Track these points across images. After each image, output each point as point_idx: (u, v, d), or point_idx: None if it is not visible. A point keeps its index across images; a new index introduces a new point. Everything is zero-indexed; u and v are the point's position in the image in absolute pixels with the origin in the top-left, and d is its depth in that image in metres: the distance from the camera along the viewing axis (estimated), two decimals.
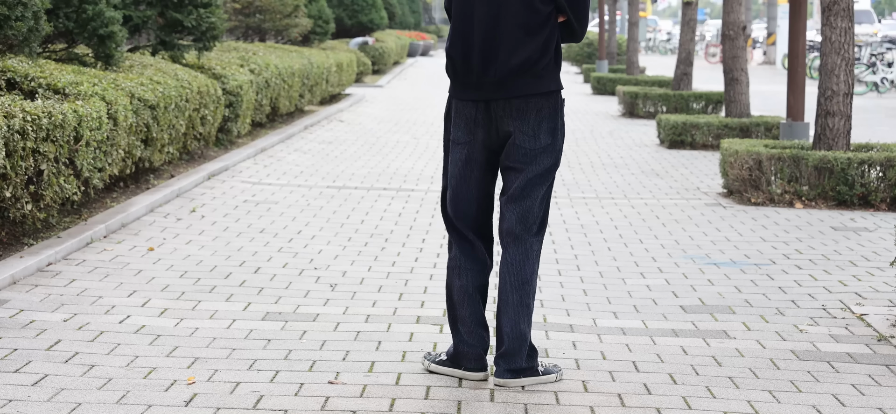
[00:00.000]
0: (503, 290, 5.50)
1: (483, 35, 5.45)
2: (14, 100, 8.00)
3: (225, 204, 10.62)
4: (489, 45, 5.44)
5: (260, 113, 16.39)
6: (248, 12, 24.20)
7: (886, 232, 9.96)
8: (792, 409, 5.31)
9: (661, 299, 7.39)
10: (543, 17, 5.41)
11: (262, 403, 5.16)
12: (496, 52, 5.42)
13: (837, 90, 11.54)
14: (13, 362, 5.65)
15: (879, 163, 11.25)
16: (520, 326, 5.47)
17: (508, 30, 5.41)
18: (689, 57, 20.67)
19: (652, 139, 17.54)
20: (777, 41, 45.96)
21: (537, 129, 5.45)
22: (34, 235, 8.42)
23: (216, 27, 14.27)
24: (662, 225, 10.13)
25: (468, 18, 5.49)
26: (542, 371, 5.57)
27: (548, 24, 5.43)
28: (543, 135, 5.46)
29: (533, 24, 5.41)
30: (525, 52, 5.41)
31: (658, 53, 64.75)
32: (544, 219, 5.55)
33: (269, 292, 7.30)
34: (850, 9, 11.54)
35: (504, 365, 5.49)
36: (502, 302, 5.49)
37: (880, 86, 29.85)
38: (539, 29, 5.42)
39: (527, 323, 5.50)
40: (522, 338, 5.46)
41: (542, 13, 5.42)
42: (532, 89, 5.43)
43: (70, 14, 11.26)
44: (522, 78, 5.43)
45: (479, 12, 5.46)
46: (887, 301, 7.42)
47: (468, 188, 5.58)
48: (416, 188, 12.02)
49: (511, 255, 5.49)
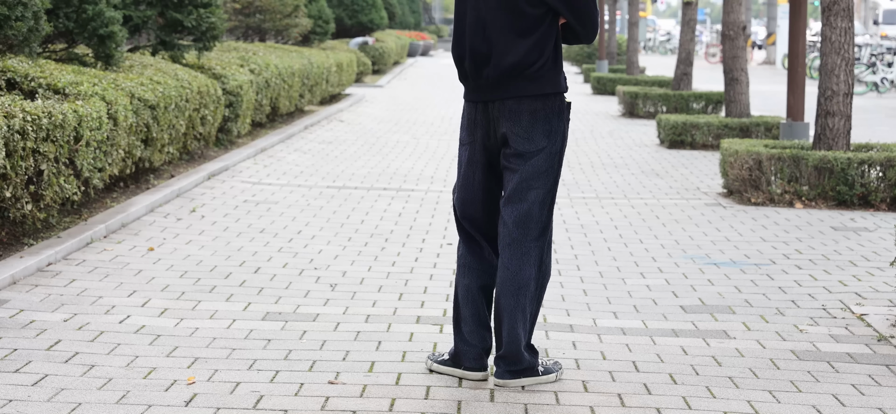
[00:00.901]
0: (499, 294, 5.49)
1: (473, 37, 5.46)
2: (14, 100, 8.00)
3: (225, 204, 10.63)
4: (480, 48, 5.43)
5: (260, 113, 16.39)
6: (248, 12, 24.20)
7: (886, 232, 9.96)
8: (792, 409, 5.31)
9: (661, 299, 7.39)
10: (533, 20, 5.38)
11: (262, 403, 5.16)
12: (487, 54, 5.42)
13: (837, 90, 11.54)
14: (13, 362, 5.65)
15: (879, 163, 11.25)
16: (516, 331, 5.46)
17: (497, 32, 5.40)
18: (689, 57, 20.67)
19: (652, 139, 17.54)
20: (777, 41, 45.96)
21: (531, 131, 5.42)
22: (34, 234, 8.42)
23: (216, 27, 14.27)
24: (662, 225, 10.14)
25: (462, 20, 5.51)
26: (543, 371, 5.57)
27: (540, 27, 5.40)
28: (538, 137, 5.43)
29: (522, 27, 5.38)
30: (516, 55, 5.39)
31: (658, 53, 64.75)
32: (546, 224, 5.50)
33: (269, 292, 7.30)
34: (850, 9, 11.54)
35: (504, 366, 5.49)
36: (498, 306, 5.49)
37: (880, 86, 29.86)
38: (529, 31, 5.39)
39: (524, 327, 5.48)
40: (518, 341, 5.46)
41: (531, 15, 5.39)
42: (526, 91, 5.41)
43: (70, 14, 11.26)
44: (516, 80, 5.41)
45: (470, 15, 5.47)
46: (887, 301, 7.42)
47: (472, 190, 5.58)
48: (416, 188, 12.02)
49: (507, 259, 5.47)
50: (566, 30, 5.50)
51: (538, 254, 5.48)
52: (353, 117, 20.43)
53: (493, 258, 5.62)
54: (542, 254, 5.51)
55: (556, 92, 5.45)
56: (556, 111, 5.46)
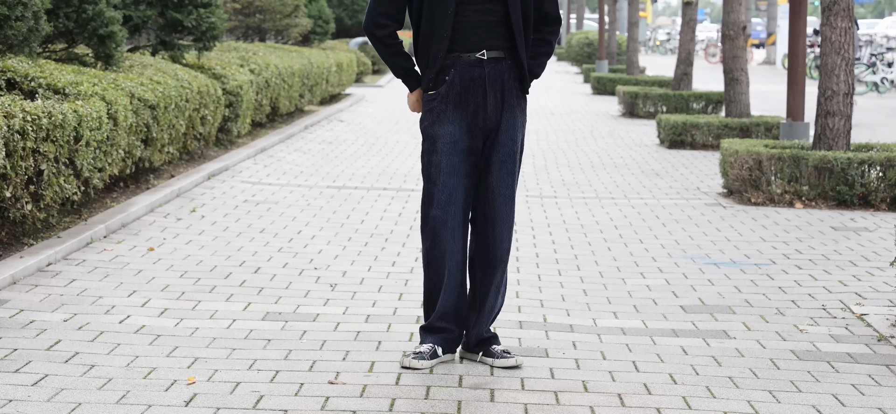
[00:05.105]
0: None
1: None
2: (14, 100, 8.00)
3: (225, 204, 10.63)
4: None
5: (260, 113, 16.39)
6: (248, 12, 24.20)
7: (886, 232, 9.96)
8: (792, 409, 5.31)
9: (661, 299, 7.39)
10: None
11: (262, 403, 5.16)
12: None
13: (837, 90, 11.54)
14: (13, 362, 5.65)
15: (879, 163, 11.25)
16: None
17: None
18: (689, 57, 20.66)
19: (652, 139, 17.54)
20: (777, 41, 45.96)
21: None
22: (34, 234, 8.42)
23: (216, 27, 14.27)
24: (662, 225, 10.13)
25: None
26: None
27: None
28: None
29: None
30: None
31: (658, 53, 64.75)
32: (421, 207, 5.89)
33: (269, 292, 7.30)
34: (850, 9, 11.55)
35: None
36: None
37: (880, 86, 29.85)
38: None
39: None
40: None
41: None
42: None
43: (70, 14, 11.26)
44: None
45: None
46: (887, 301, 7.42)
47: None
48: (416, 188, 12.01)
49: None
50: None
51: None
52: (353, 117, 20.44)
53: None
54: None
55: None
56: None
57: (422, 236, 5.82)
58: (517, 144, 5.82)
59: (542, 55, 5.90)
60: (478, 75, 5.74)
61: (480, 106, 5.75)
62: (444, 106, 5.75)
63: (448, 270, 5.77)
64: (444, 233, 5.75)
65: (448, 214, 5.74)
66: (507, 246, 5.85)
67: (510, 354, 5.82)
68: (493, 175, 5.80)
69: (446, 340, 5.84)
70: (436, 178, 5.75)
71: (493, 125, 5.78)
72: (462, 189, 5.76)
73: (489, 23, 5.74)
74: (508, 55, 5.79)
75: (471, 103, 5.75)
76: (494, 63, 5.76)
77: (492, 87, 5.75)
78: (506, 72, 5.78)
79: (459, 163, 5.74)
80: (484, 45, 5.75)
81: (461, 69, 5.74)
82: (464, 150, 5.75)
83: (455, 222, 5.76)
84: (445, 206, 5.74)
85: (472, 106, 5.75)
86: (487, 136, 5.80)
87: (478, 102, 5.75)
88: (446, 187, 5.73)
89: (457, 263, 5.79)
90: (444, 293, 5.79)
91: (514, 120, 5.80)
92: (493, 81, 5.75)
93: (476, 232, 5.87)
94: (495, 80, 5.76)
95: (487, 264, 5.84)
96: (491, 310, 5.91)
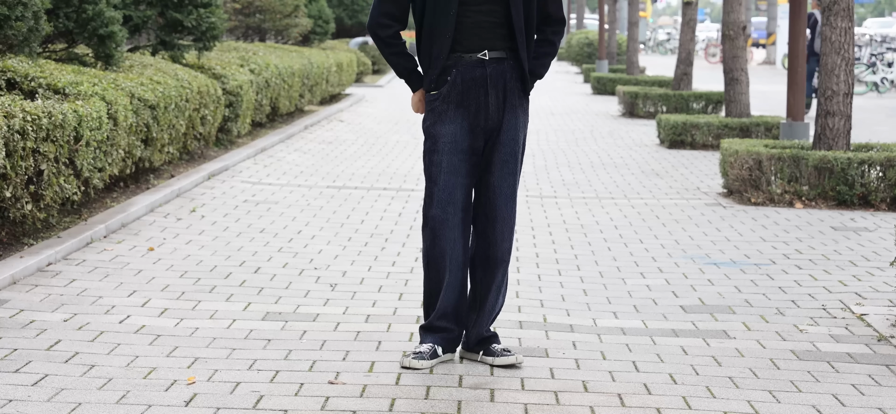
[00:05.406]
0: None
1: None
2: (14, 100, 8.00)
3: (225, 204, 10.63)
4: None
5: (260, 113, 16.39)
6: (248, 12, 24.20)
7: (886, 232, 9.96)
8: (792, 409, 5.31)
9: (661, 299, 7.39)
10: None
11: (262, 403, 5.17)
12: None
13: (837, 90, 11.54)
14: (13, 362, 5.65)
15: (879, 163, 11.25)
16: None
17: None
18: (689, 57, 20.66)
19: (652, 139, 17.54)
20: (777, 41, 45.97)
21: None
22: (34, 235, 8.42)
23: (216, 27, 14.27)
24: (662, 225, 10.13)
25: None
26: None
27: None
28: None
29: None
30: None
31: (658, 53, 64.75)
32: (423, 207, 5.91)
33: (269, 292, 7.30)
34: (850, 9, 11.55)
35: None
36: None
37: (880, 86, 29.85)
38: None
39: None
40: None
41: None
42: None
43: (70, 14, 11.26)
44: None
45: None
46: (887, 301, 7.42)
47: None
48: (416, 188, 12.01)
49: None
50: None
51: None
52: (353, 117, 20.44)
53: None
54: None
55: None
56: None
57: (422, 236, 5.83)
58: (519, 144, 5.83)
59: (546, 56, 5.90)
60: (480, 75, 5.74)
61: (482, 106, 5.75)
62: (446, 106, 5.76)
63: (448, 269, 5.77)
64: (443, 232, 5.75)
65: (448, 213, 5.74)
66: (508, 246, 5.85)
67: (510, 352, 5.82)
68: (494, 175, 5.80)
69: (446, 340, 5.84)
70: (436, 177, 5.75)
71: (494, 125, 5.78)
72: (462, 189, 5.76)
73: (491, 23, 5.74)
74: (510, 56, 5.79)
75: (473, 103, 5.75)
76: (496, 63, 5.76)
77: (494, 88, 5.76)
78: (508, 72, 5.79)
79: (460, 162, 5.75)
80: (486, 46, 5.75)
81: (463, 69, 5.74)
82: (465, 150, 5.76)
83: (455, 222, 5.76)
84: (445, 205, 5.74)
85: (474, 106, 5.75)
86: (489, 136, 5.80)
87: (480, 102, 5.75)
88: (447, 187, 5.74)
89: (457, 262, 5.79)
90: (445, 292, 5.80)
91: (515, 120, 5.80)
92: (495, 82, 5.76)
93: (477, 231, 5.87)
94: (497, 81, 5.76)
95: (488, 264, 5.84)
96: (491, 310, 5.91)
